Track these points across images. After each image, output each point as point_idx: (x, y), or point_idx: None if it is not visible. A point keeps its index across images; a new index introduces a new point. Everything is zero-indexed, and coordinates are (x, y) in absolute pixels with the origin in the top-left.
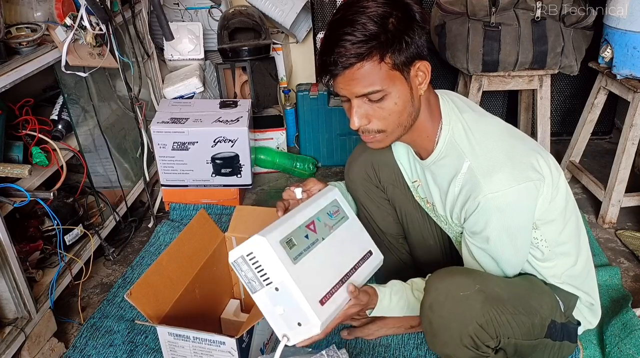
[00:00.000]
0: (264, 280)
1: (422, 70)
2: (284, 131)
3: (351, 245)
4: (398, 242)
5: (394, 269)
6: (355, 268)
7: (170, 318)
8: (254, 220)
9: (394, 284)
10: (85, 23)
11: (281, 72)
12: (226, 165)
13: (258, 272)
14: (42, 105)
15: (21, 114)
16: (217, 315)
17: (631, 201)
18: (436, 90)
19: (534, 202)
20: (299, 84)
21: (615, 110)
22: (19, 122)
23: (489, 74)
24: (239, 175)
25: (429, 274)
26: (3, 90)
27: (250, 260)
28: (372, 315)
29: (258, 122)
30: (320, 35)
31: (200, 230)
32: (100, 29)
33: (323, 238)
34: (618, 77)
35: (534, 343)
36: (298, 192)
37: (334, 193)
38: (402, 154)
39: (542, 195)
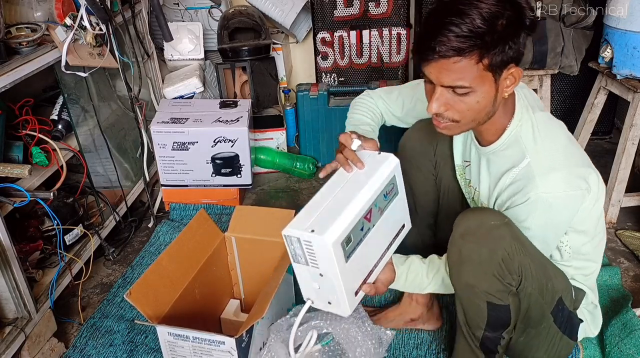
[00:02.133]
0: (311, 263)
1: (513, 75)
2: (284, 131)
3: (393, 223)
4: (427, 220)
5: (412, 245)
6: (390, 246)
7: (170, 318)
8: (254, 220)
9: (413, 262)
10: (85, 23)
11: (281, 72)
12: (226, 165)
13: (309, 256)
14: (42, 105)
15: (21, 114)
16: (217, 315)
17: (631, 201)
18: None
19: (576, 210)
20: (299, 84)
21: (615, 110)
22: (19, 122)
23: None
24: (239, 175)
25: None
26: (3, 90)
27: (305, 245)
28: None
29: (258, 122)
30: (320, 35)
31: (200, 230)
32: (100, 29)
33: (374, 225)
34: (618, 77)
35: (544, 308)
36: (356, 144)
37: (395, 167)
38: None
39: (583, 206)
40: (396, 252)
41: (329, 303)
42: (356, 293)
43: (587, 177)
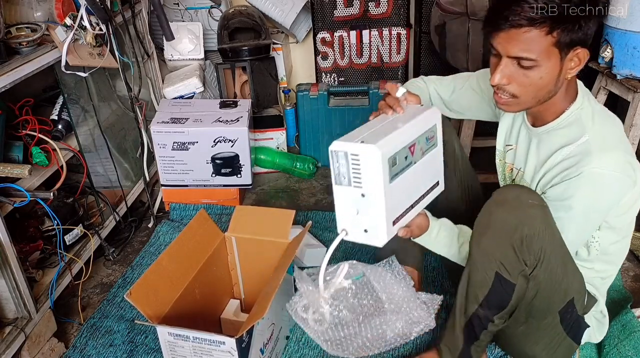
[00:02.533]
0: (355, 182)
1: (579, 57)
2: (284, 131)
3: (430, 173)
4: (467, 190)
5: (444, 209)
6: (424, 196)
7: (170, 318)
8: (254, 220)
9: (445, 223)
10: (85, 23)
11: (281, 72)
12: (226, 165)
13: (354, 173)
14: (42, 105)
15: (21, 114)
16: (217, 315)
17: None
18: None
19: (622, 196)
20: (299, 84)
21: (615, 110)
22: (19, 122)
23: None
24: (239, 175)
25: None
26: (3, 90)
27: (352, 159)
28: (414, 239)
29: (258, 122)
30: (320, 35)
31: (200, 230)
32: (100, 29)
33: (415, 162)
34: (618, 77)
35: (551, 303)
36: (401, 91)
37: (436, 117)
38: (508, 117)
39: (627, 197)
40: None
41: (365, 231)
42: (394, 223)
43: (637, 169)
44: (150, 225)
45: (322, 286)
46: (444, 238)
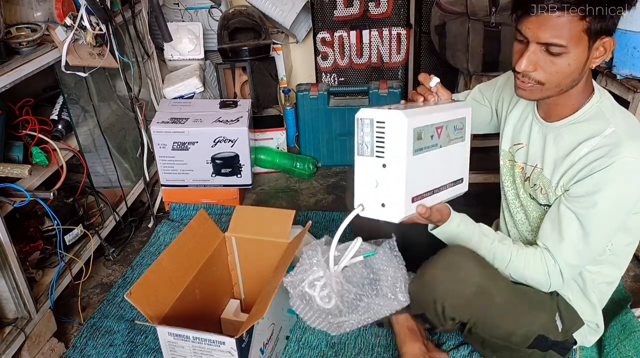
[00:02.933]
0: (378, 151)
1: (605, 47)
2: (284, 131)
3: (454, 165)
4: None
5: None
6: (446, 186)
7: (170, 318)
8: (254, 221)
9: (466, 217)
10: (85, 23)
11: (281, 72)
12: (226, 165)
13: (378, 141)
14: (42, 105)
15: (21, 114)
16: (217, 315)
17: None
18: None
19: None
20: (299, 84)
21: None
22: (19, 122)
23: (489, 73)
24: (239, 175)
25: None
26: (3, 90)
27: (378, 127)
28: (432, 231)
29: (258, 122)
30: (320, 35)
31: (200, 230)
32: (100, 29)
33: (441, 146)
34: (618, 77)
35: (508, 347)
36: (434, 81)
37: (467, 112)
38: (515, 114)
39: None
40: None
41: (382, 205)
42: (413, 200)
43: None
44: (150, 225)
45: (333, 263)
46: (465, 230)
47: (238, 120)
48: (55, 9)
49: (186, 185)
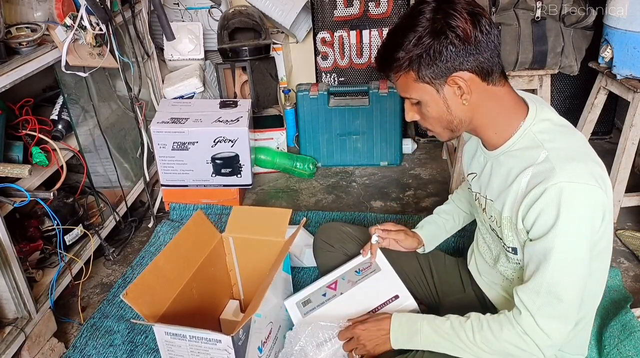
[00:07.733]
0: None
1: (457, 82)
2: (284, 131)
3: (375, 293)
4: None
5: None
6: (375, 310)
7: (168, 318)
8: (251, 220)
9: (413, 314)
10: (85, 23)
11: (281, 72)
12: (226, 165)
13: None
14: (42, 105)
15: (21, 114)
16: (217, 316)
17: (631, 201)
18: (524, 93)
19: (599, 209)
20: (299, 84)
21: (615, 110)
22: (19, 122)
23: None
24: (239, 175)
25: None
26: (3, 90)
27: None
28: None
29: (258, 122)
30: (320, 35)
31: (198, 231)
32: (100, 29)
33: (342, 293)
34: (618, 77)
35: None
36: (374, 239)
37: (378, 259)
38: (472, 144)
39: (599, 215)
40: None
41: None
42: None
43: (605, 179)
44: (150, 225)
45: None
46: (412, 327)
47: (238, 120)
48: (55, 9)
49: (186, 185)
